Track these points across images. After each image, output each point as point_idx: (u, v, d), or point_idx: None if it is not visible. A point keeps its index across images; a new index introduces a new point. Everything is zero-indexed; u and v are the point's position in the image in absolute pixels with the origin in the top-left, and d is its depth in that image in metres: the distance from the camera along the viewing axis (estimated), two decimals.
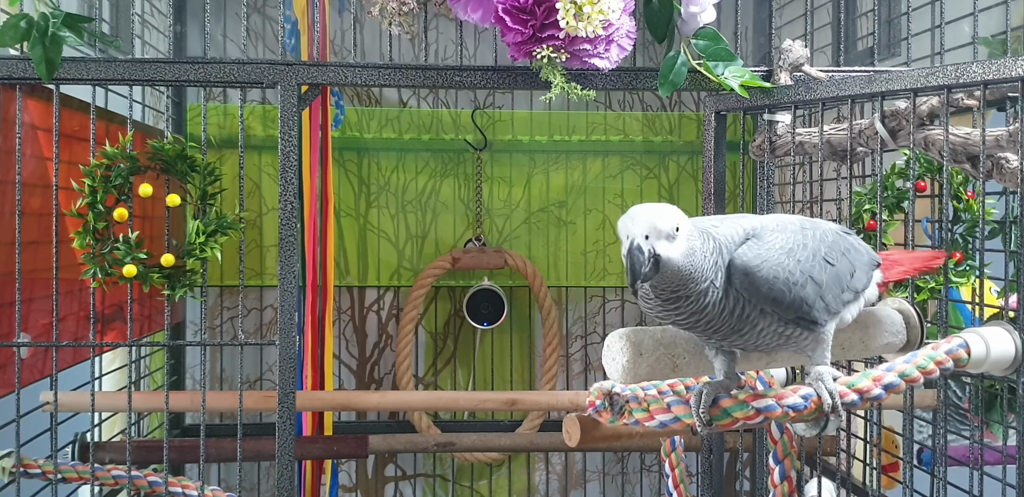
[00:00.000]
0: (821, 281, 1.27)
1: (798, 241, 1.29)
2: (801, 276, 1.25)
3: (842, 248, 1.34)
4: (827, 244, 1.31)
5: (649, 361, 1.31)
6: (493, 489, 3.34)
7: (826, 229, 1.36)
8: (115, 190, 1.82)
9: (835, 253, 1.32)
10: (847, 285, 1.32)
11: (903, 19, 1.99)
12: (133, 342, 2.03)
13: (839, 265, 1.31)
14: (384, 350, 3.30)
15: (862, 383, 1.29)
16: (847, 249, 1.35)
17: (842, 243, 1.35)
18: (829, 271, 1.29)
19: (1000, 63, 1.45)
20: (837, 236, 1.36)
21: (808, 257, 1.27)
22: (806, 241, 1.30)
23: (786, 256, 1.25)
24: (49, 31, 1.74)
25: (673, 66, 1.82)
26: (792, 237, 1.29)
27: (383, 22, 1.92)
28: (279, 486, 1.89)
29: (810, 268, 1.27)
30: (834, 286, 1.30)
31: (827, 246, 1.31)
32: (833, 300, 1.29)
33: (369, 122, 3.23)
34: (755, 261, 1.23)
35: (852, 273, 1.33)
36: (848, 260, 1.33)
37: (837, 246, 1.33)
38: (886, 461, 2.37)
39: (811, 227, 1.33)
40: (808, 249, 1.28)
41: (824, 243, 1.31)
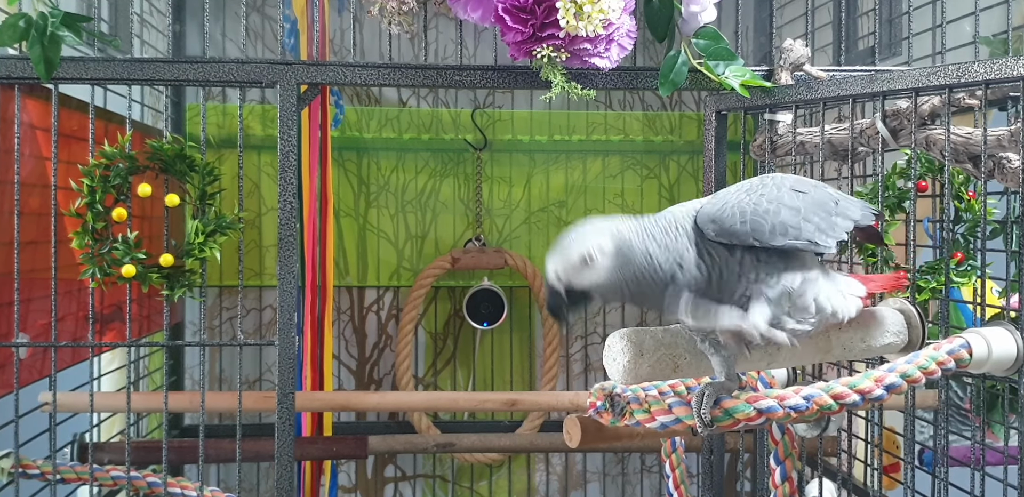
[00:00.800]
0: (796, 206, 1.27)
1: (754, 185, 1.31)
2: (770, 204, 1.26)
3: (811, 183, 1.34)
4: (790, 181, 1.32)
5: (650, 361, 1.30)
6: (493, 490, 3.33)
7: (775, 180, 1.34)
8: (114, 190, 1.82)
9: (803, 185, 1.31)
10: (835, 211, 1.31)
11: (904, 18, 1.98)
12: (132, 342, 2.03)
13: (813, 193, 1.30)
14: (384, 350, 3.30)
15: (864, 384, 1.28)
16: (818, 185, 1.34)
17: (811, 182, 1.35)
18: (803, 198, 1.29)
19: (1001, 62, 1.44)
20: (807, 182, 1.35)
21: (771, 191, 1.29)
22: (763, 182, 1.31)
23: (745, 195, 1.28)
24: (48, 30, 1.73)
25: (674, 65, 1.82)
26: (747, 184, 1.31)
27: (383, 21, 1.92)
28: (278, 487, 1.89)
29: (777, 197, 1.27)
30: (817, 209, 1.29)
31: (790, 182, 1.32)
32: (823, 221, 1.28)
33: (369, 122, 3.23)
34: (715, 208, 1.26)
35: (836, 201, 1.31)
36: (825, 191, 1.32)
37: (803, 183, 1.33)
38: (887, 462, 2.37)
39: (770, 178, 1.33)
40: (767, 186, 1.30)
41: (787, 180, 1.32)
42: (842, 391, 1.27)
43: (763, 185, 1.31)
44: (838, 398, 1.27)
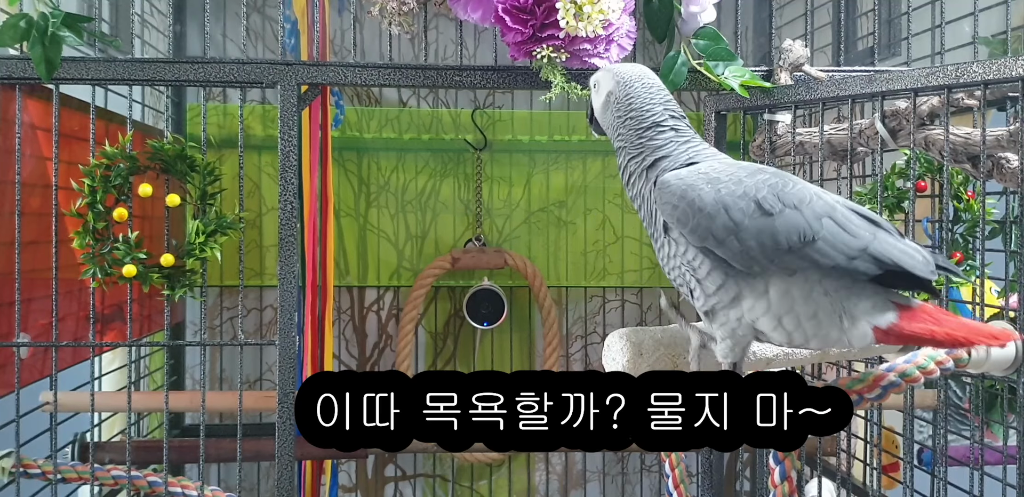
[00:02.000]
0: (740, 221, 1.19)
1: (735, 177, 1.23)
2: (713, 205, 1.20)
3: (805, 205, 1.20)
4: (775, 191, 1.21)
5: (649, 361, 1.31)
6: (493, 489, 3.34)
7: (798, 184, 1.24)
8: (115, 190, 1.82)
9: (780, 204, 1.20)
10: (791, 245, 1.18)
11: (903, 19, 1.98)
12: (133, 342, 2.03)
13: (780, 217, 1.19)
14: (384, 350, 3.30)
15: (863, 384, 1.29)
16: (817, 213, 1.20)
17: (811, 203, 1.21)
18: (758, 217, 1.19)
19: (1000, 63, 1.44)
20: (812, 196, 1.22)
21: (734, 192, 1.21)
22: (745, 179, 1.22)
23: (706, 183, 1.22)
24: (49, 31, 1.73)
25: (673, 66, 1.82)
26: (732, 173, 1.24)
27: (383, 22, 1.92)
28: (279, 486, 1.89)
29: (730, 203, 1.20)
30: (762, 235, 1.18)
31: (773, 193, 1.21)
32: (760, 250, 1.18)
33: (369, 122, 3.23)
34: (671, 179, 1.25)
35: (805, 236, 1.18)
36: (804, 219, 1.19)
37: (792, 199, 1.21)
38: (886, 461, 2.37)
39: (771, 174, 1.24)
40: (741, 186, 1.21)
41: (772, 189, 1.21)
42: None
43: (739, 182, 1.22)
44: None
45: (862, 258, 1.19)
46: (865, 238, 1.20)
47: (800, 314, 1.22)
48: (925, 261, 1.21)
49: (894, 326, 1.22)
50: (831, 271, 1.20)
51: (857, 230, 1.21)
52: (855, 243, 1.19)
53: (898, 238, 1.23)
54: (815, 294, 1.21)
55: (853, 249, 1.19)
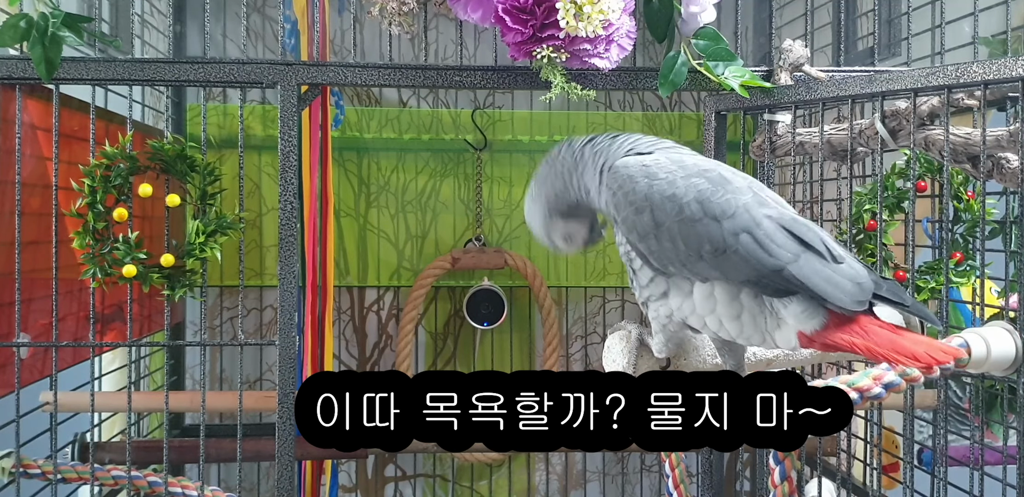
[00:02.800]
0: (661, 221, 1.20)
1: (671, 177, 1.23)
2: (643, 201, 1.22)
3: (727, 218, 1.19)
4: (703, 198, 1.20)
5: (649, 362, 1.31)
6: (493, 489, 3.34)
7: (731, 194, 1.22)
8: (115, 190, 1.82)
9: (704, 213, 1.20)
10: (704, 254, 1.19)
11: (903, 19, 1.98)
12: (133, 342, 2.03)
13: (700, 225, 1.19)
14: (384, 350, 3.30)
15: (862, 382, 1.29)
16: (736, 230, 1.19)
17: (737, 217, 1.19)
18: (681, 220, 1.20)
19: (1000, 63, 1.44)
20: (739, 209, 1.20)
21: (664, 191, 1.22)
22: (679, 181, 1.23)
23: (643, 177, 1.24)
24: (49, 31, 1.73)
25: (673, 66, 1.82)
26: (671, 171, 1.24)
27: (383, 22, 1.92)
28: (279, 486, 1.89)
29: (658, 201, 1.21)
30: (679, 240, 1.20)
31: (701, 201, 1.20)
32: (674, 253, 1.20)
33: (369, 122, 3.23)
34: (619, 165, 1.28)
35: (719, 248, 1.19)
36: (722, 232, 1.19)
37: (716, 209, 1.19)
38: (886, 461, 2.37)
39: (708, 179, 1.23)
40: (674, 187, 1.22)
41: (702, 195, 1.21)
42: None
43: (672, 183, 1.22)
44: None
45: (772, 278, 1.18)
46: (784, 259, 1.19)
47: (723, 315, 1.22)
48: (855, 291, 1.19)
49: (818, 334, 1.21)
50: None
51: (777, 250, 1.19)
52: (769, 262, 1.18)
53: (830, 262, 1.20)
54: (742, 296, 1.22)
55: (766, 268, 1.18)
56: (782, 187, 2.92)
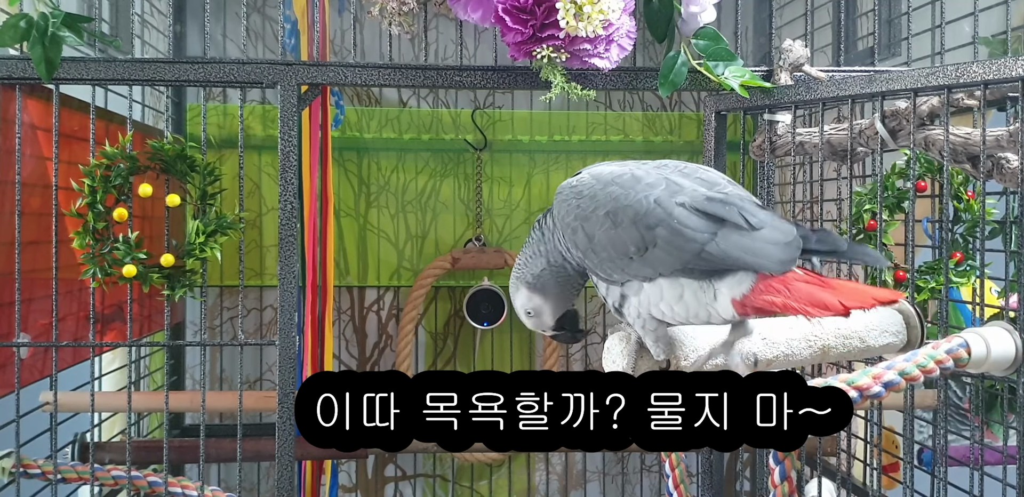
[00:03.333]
0: (592, 234, 1.27)
1: (593, 190, 1.29)
2: (574, 220, 1.29)
3: (639, 218, 1.24)
4: (620, 204, 1.26)
5: (649, 363, 1.31)
6: (493, 489, 3.34)
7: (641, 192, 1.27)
8: (115, 190, 1.82)
9: (623, 217, 1.25)
10: (631, 255, 1.25)
11: (903, 19, 1.98)
12: (133, 342, 2.03)
13: (621, 230, 1.25)
14: (384, 350, 3.30)
15: (862, 380, 1.29)
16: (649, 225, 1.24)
17: (650, 213, 1.24)
18: (607, 229, 1.26)
19: (1000, 63, 1.44)
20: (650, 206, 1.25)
21: (589, 207, 1.28)
22: (598, 193, 1.29)
23: (573, 197, 1.31)
24: (49, 31, 1.73)
25: (673, 66, 1.82)
26: (592, 185, 1.30)
27: (383, 22, 1.92)
28: (279, 486, 1.89)
29: (585, 217, 1.28)
30: (610, 247, 1.26)
31: (618, 206, 1.26)
32: (609, 261, 1.26)
33: (369, 122, 3.23)
34: (557, 190, 1.35)
35: (641, 248, 1.24)
36: (638, 232, 1.24)
37: (630, 212, 1.25)
38: (886, 461, 2.37)
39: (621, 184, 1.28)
40: (595, 200, 1.28)
41: (617, 202, 1.26)
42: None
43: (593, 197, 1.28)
44: None
45: (695, 262, 1.23)
46: (700, 241, 1.22)
47: (670, 300, 1.26)
48: (779, 253, 1.21)
49: (747, 298, 1.23)
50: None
51: (692, 234, 1.23)
52: (687, 247, 1.23)
53: (749, 230, 1.22)
54: (682, 277, 1.25)
55: (686, 254, 1.23)
56: (782, 187, 2.92)
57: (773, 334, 1.39)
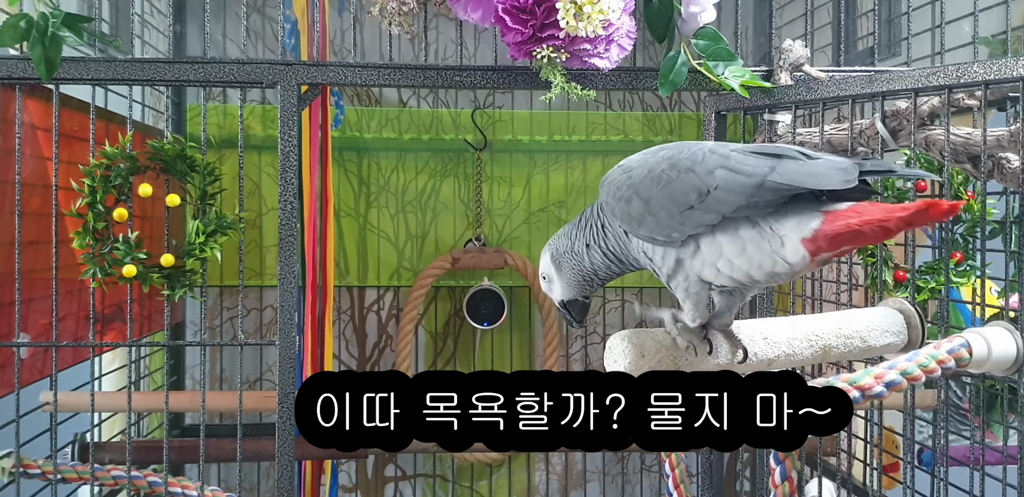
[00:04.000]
0: (648, 197, 1.27)
1: (643, 161, 1.31)
2: (627, 190, 1.29)
3: (698, 165, 1.25)
4: (673, 161, 1.27)
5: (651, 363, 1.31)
6: (493, 489, 3.34)
7: (694, 148, 1.29)
8: (115, 190, 1.82)
9: (677, 171, 1.26)
10: (691, 203, 1.24)
11: (903, 19, 1.98)
12: (133, 342, 2.03)
13: (678, 182, 1.25)
14: (384, 350, 3.30)
15: (864, 380, 1.29)
16: (709, 169, 1.24)
17: (705, 161, 1.25)
18: (662, 187, 1.26)
19: (1001, 63, 1.44)
20: (705, 153, 1.27)
21: (640, 174, 1.29)
22: (649, 160, 1.30)
23: (621, 172, 1.32)
24: (49, 31, 1.73)
25: (673, 66, 1.82)
26: (641, 158, 1.32)
27: (383, 22, 1.92)
28: (279, 486, 1.89)
29: (638, 183, 1.28)
30: (668, 203, 1.26)
31: (671, 164, 1.27)
32: (668, 218, 1.26)
33: (369, 122, 3.23)
34: (604, 180, 1.35)
35: (703, 191, 1.24)
36: (698, 178, 1.24)
37: (686, 163, 1.26)
38: (887, 461, 2.37)
39: (672, 148, 1.31)
40: (646, 166, 1.30)
41: (670, 161, 1.28)
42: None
43: (645, 163, 1.30)
44: None
45: (759, 193, 1.22)
46: (761, 173, 1.23)
47: (730, 255, 1.25)
48: (839, 174, 1.21)
49: (818, 232, 1.21)
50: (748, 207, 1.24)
51: (752, 169, 1.23)
52: (749, 182, 1.22)
53: (807, 160, 1.24)
54: (740, 231, 1.25)
55: (749, 187, 1.22)
56: None
57: (774, 333, 1.38)
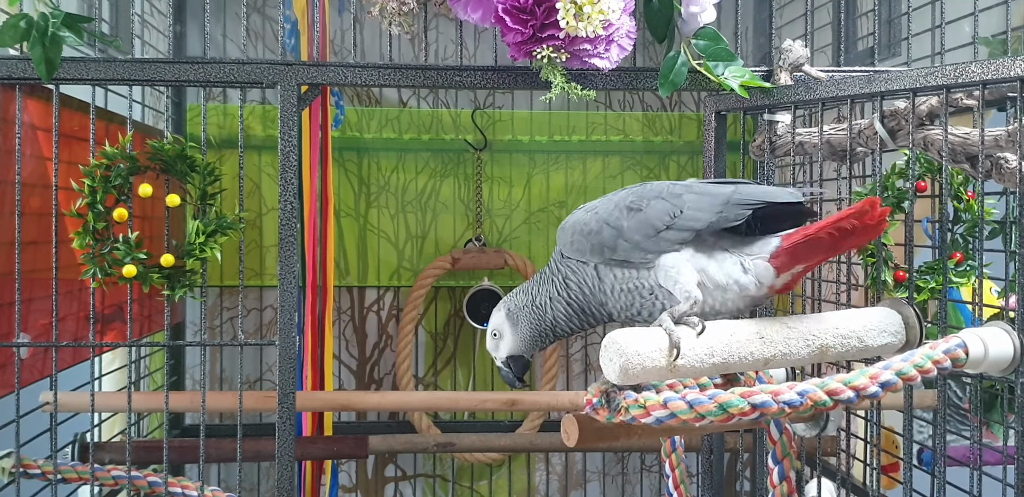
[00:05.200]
0: (620, 225, 1.40)
1: (604, 201, 1.46)
2: (596, 224, 1.42)
3: (665, 193, 1.41)
4: (639, 194, 1.42)
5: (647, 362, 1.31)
6: (493, 489, 3.34)
7: (658, 184, 1.45)
8: (115, 190, 1.82)
9: (645, 200, 1.41)
10: (666, 224, 1.38)
11: (903, 19, 1.98)
12: (133, 342, 2.03)
13: (648, 209, 1.40)
14: (384, 350, 3.30)
15: (859, 380, 1.29)
16: (676, 194, 1.40)
17: (669, 189, 1.41)
18: (633, 215, 1.40)
19: (999, 63, 1.44)
20: (668, 185, 1.43)
21: (607, 208, 1.43)
22: (612, 198, 1.45)
23: (584, 213, 1.45)
24: (49, 31, 1.74)
25: (673, 66, 1.82)
26: (602, 200, 1.47)
27: (383, 22, 1.92)
28: (279, 486, 1.89)
29: (607, 216, 1.41)
30: (642, 227, 1.39)
31: (638, 196, 1.42)
32: (644, 239, 1.39)
33: (369, 122, 3.24)
34: (561, 227, 1.48)
35: (674, 213, 1.38)
36: (668, 203, 1.39)
37: (653, 193, 1.42)
38: (886, 461, 2.37)
39: (632, 187, 1.47)
40: (611, 202, 1.44)
41: (636, 194, 1.43)
42: (837, 387, 1.28)
43: (609, 200, 1.45)
44: (833, 394, 1.28)
45: (727, 209, 1.37)
46: (725, 192, 1.39)
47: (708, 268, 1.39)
48: (791, 193, 1.40)
49: (779, 249, 1.38)
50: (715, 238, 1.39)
51: (716, 190, 1.40)
52: (717, 199, 1.38)
53: (758, 184, 1.44)
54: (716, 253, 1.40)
55: (716, 205, 1.38)
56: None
57: (771, 333, 1.39)
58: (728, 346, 1.35)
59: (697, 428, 1.31)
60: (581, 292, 1.48)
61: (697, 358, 1.33)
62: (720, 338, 1.35)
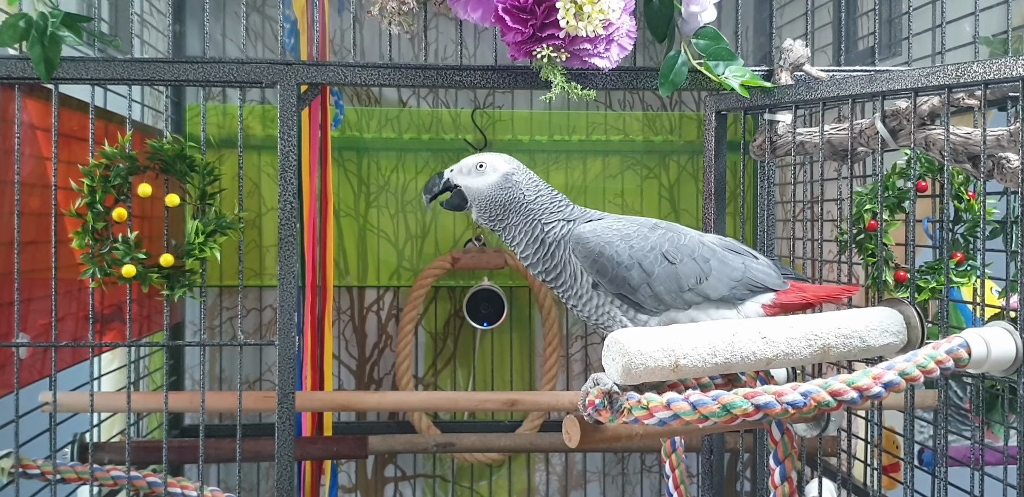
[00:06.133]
0: (651, 271, 1.49)
1: (641, 233, 1.52)
2: (629, 259, 1.48)
3: (696, 254, 1.52)
4: (675, 244, 1.52)
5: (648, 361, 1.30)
6: (493, 490, 3.33)
7: (687, 235, 1.55)
8: (114, 190, 1.82)
9: (680, 254, 1.51)
10: (690, 286, 1.51)
11: (904, 19, 1.98)
12: (132, 342, 2.03)
13: (681, 265, 1.50)
14: (384, 350, 3.30)
15: (862, 381, 1.29)
16: (705, 258, 1.52)
17: (700, 251, 1.53)
18: (665, 266, 1.50)
19: (1001, 63, 1.44)
20: (699, 244, 1.54)
21: (644, 247, 1.50)
22: (649, 235, 1.52)
23: (619, 239, 1.50)
24: (48, 31, 1.73)
25: (673, 66, 1.82)
26: (636, 229, 1.53)
27: (383, 22, 1.92)
28: (279, 487, 1.89)
29: (642, 256, 1.49)
30: (669, 281, 1.49)
31: (674, 246, 1.52)
32: (667, 293, 1.50)
33: (369, 122, 3.23)
34: (589, 234, 1.51)
35: (700, 278, 1.51)
36: (698, 266, 1.51)
37: (687, 250, 1.52)
38: (887, 462, 2.37)
39: (666, 228, 1.55)
40: (648, 241, 1.51)
41: (672, 243, 1.52)
42: (840, 388, 1.27)
43: (645, 238, 1.51)
44: (836, 395, 1.27)
45: (738, 287, 1.54)
46: (740, 270, 1.55)
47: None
48: (776, 275, 1.58)
49: (776, 303, 1.57)
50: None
51: (734, 264, 1.55)
52: (734, 275, 1.54)
53: (754, 260, 1.59)
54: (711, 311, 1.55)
55: (732, 281, 1.53)
56: (783, 187, 2.92)
57: (773, 333, 1.38)
58: (730, 346, 1.35)
59: (699, 429, 1.31)
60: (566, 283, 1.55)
61: (700, 358, 1.32)
62: (722, 338, 1.35)
